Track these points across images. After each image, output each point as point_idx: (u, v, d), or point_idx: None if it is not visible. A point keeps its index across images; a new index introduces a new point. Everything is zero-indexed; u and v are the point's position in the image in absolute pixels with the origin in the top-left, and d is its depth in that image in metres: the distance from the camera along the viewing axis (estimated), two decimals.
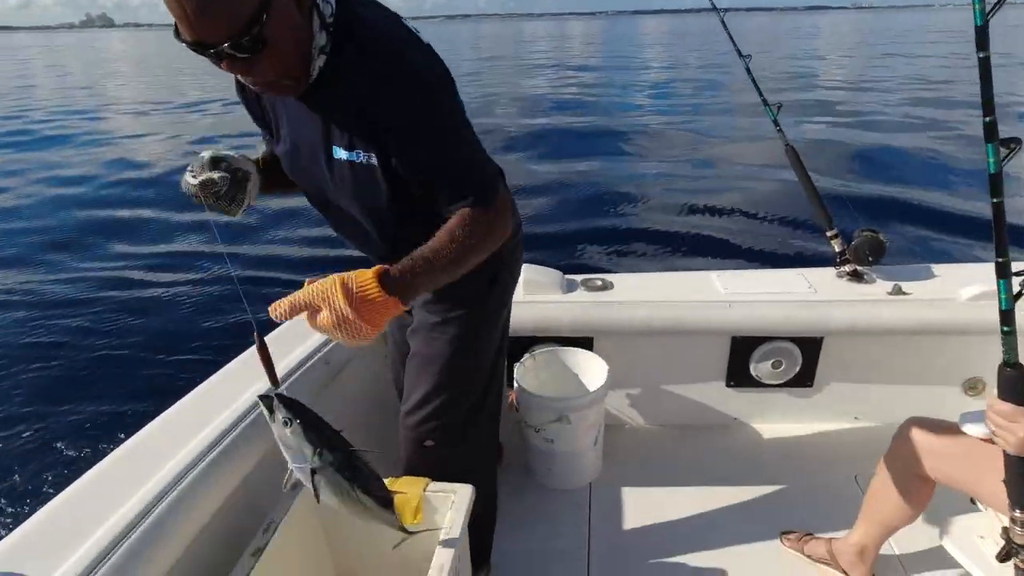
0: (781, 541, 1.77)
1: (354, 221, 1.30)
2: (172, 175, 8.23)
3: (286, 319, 1.00)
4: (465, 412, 1.50)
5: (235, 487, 1.40)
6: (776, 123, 2.13)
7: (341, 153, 1.15)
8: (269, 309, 0.99)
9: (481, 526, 1.69)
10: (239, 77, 1.07)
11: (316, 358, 1.77)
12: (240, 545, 1.32)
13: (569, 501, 2.02)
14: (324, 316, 0.98)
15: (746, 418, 2.30)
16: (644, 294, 2.13)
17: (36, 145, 12.12)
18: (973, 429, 1.25)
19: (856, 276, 2.15)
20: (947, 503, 1.41)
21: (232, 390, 1.57)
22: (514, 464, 2.16)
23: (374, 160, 1.14)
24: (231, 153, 1.21)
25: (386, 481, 1.45)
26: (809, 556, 1.68)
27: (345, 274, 1.00)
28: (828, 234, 2.16)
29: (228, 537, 1.37)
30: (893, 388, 2.20)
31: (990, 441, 1.22)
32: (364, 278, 1.00)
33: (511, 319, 2.06)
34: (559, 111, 13.33)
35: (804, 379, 2.19)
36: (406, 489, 1.44)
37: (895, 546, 1.72)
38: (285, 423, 1.01)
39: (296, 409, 1.03)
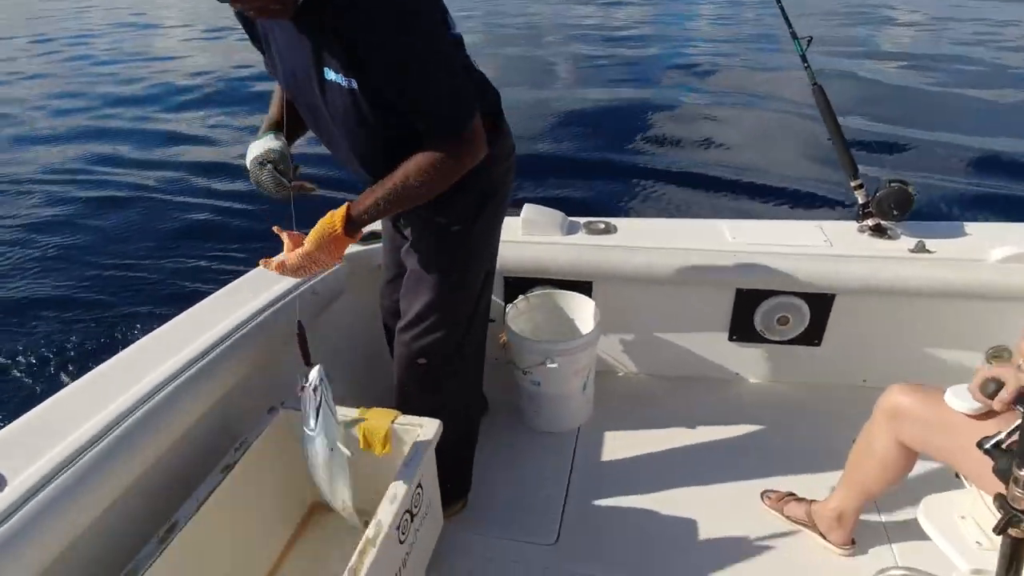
0: (762, 499, 1.73)
1: (346, 147, 1.34)
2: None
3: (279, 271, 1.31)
4: (456, 334, 1.54)
5: (211, 405, 1.43)
6: (804, 58, 1.94)
7: (331, 75, 1.18)
8: (260, 263, 1.32)
9: (458, 459, 1.72)
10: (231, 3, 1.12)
11: (302, 289, 1.77)
12: (213, 463, 1.36)
13: (554, 444, 2.02)
14: (302, 269, 1.31)
15: (747, 373, 2.23)
16: (647, 239, 2.04)
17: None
18: (958, 404, 1.16)
19: (878, 231, 2.00)
20: (933, 473, 1.34)
21: (222, 312, 1.60)
22: (504, 406, 2.16)
23: (355, 85, 1.17)
24: (261, 148, 1.34)
25: (357, 411, 1.48)
26: (788, 517, 1.64)
27: (316, 228, 1.27)
28: (852, 184, 2.00)
29: (201, 454, 1.41)
30: (908, 352, 2.08)
31: (977, 417, 1.13)
32: (335, 223, 1.25)
33: (509, 259, 2.04)
34: (579, 40, 12.49)
35: (811, 337, 2.09)
36: (376, 420, 1.46)
37: (880, 512, 1.66)
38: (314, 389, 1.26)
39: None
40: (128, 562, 1.13)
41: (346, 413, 1.46)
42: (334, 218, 1.26)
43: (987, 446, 0.99)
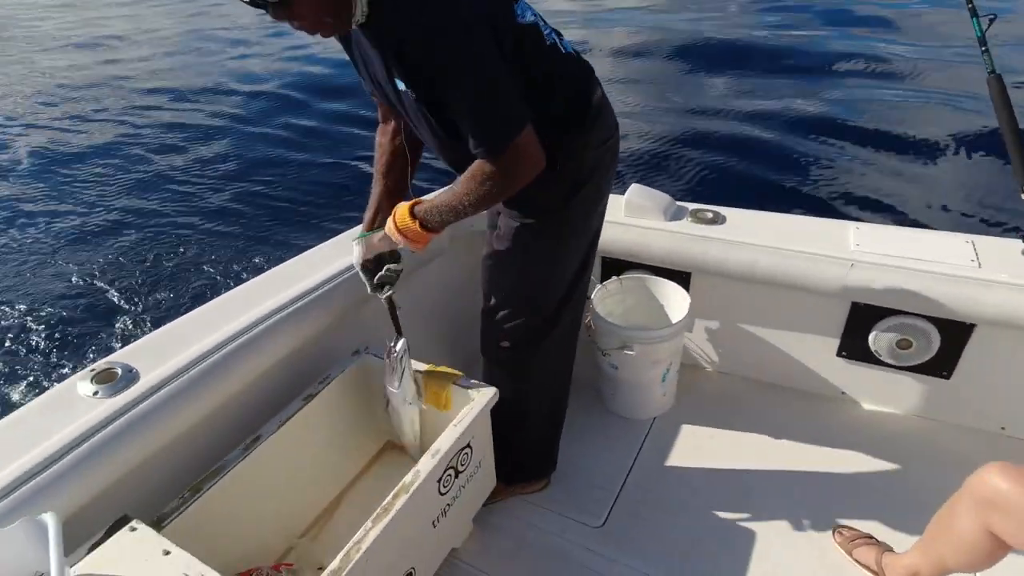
0: (833, 534, 1.59)
1: (435, 148, 1.41)
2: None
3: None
4: (539, 321, 1.54)
5: (303, 342, 1.63)
6: (982, 41, 1.62)
7: (400, 85, 1.22)
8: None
9: (544, 439, 1.78)
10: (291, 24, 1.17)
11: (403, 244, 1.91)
12: (299, 391, 1.56)
13: (626, 430, 2.01)
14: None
15: (856, 395, 2.01)
16: (755, 235, 1.89)
17: None
18: None
19: None
20: None
21: (321, 263, 1.79)
22: (586, 383, 2.17)
23: (412, 96, 1.21)
24: (362, 246, 1.46)
25: (424, 367, 1.60)
26: (856, 560, 1.50)
27: (394, 213, 1.34)
28: (1023, 196, 1.67)
29: (290, 383, 1.61)
30: None
31: None
32: (404, 216, 1.30)
33: (608, 239, 2.01)
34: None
35: (939, 368, 1.82)
36: (440, 379, 1.57)
37: None
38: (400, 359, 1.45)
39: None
40: (219, 460, 1.37)
41: (417, 366, 1.59)
42: (403, 209, 1.31)
43: None
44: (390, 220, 1.34)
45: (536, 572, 1.59)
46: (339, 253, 1.85)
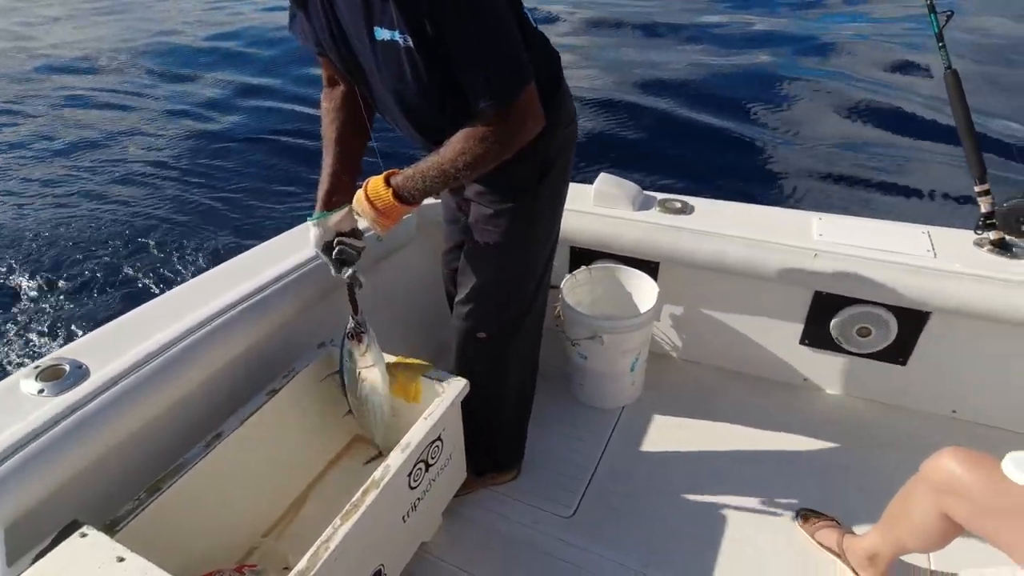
0: (796, 517, 1.63)
1: (400, 116, 1.30)
2: None
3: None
4: (515, 309, 1.53)
5: (265, 335, 1.57)
6: (939, 37, 1.66)
7: (383, 33, 1.12)
8: None
9: (518, 429, 1.77)
10: None
11: (367, 234, 1.86)
12: (262, 386, 1.51)
13: (595, 420, 2.01)
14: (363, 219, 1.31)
15: (819, 381, 2.06)
16: (722, 225, 1.91)
17: None
18: (1021, 477, 1.00)
19: (1000, 247, 1.73)
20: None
21: (283, 252, 1.73)
22: (555, 373, 2.17)
23: (410, 42, 1.11)
24: (320, 229, 1.36)
25: (393, 359, 1.56)
26: (819, 542, 1.54)
27: (365, 184, 1.26)
28: (976, 189, 1.72)
29: (253, 378, 1.55)
30: (1012, 392, 1.82)
31: None
32: (379, 189, 1.23)
33: (577, 229, 2.00)
34: None
35: (896, 355, 1.88)
36: (409, 370, 1.54)
37: (932, 560, 1.51)
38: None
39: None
40: (177, 459, 1.31)
41: (386, 358, 1.55)
42: (378, 181, 1.24)
43: None
44: (360, 192, 1.26)
45: (507, 563, 1.59)
46: (303, 242, 1.79)
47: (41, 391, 1.24)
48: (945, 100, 1.73)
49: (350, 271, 1.38)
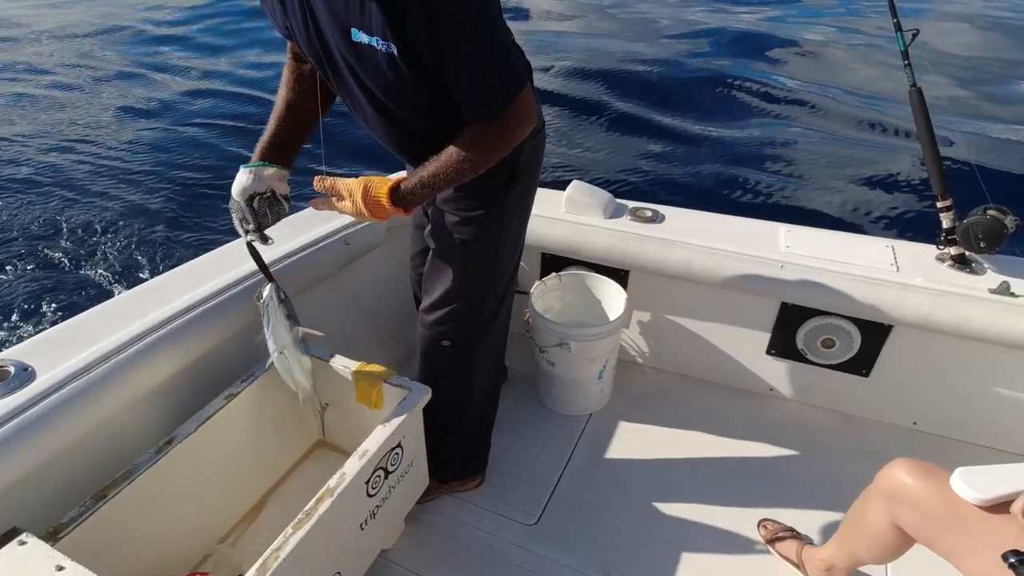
0: (758, 528, 1.64)
1: (373, 115, 1.27)
2: None
3: (321, 191, 1.25)
4: (481, 317, 1.51)
5: (224, 339, 1.54)
6: (905, 55, 1.69)
7: (362, 38, 1.08)
8: (315, 180, 1.24)
9: (483, 437, 1.76)
10: None
11: (335, 238, 1.84)
12: (220, 391, 1.48)
13: (562, 426, 2.01)
14: (346, 205, 1.23)
15: (784, 391, 2.08)
16: (692, 234, 1.92)
17: None
18: (967, 492, 1.01)
19: (961, 262, 1.76)
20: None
21: (244, 253, 1.69)
22: (523, 379, 2.17)
23: (393, 49, 1.07)
24: (252, 178, 1.27)
25: (356, 366, 1.54)
26: (779, 553, 1.55)
27: (369, 180, 1.21)
28: (939, 204, 1.76)
29: (210, 382, 1.51)
30: (972, 405, 1.85)
31: (989, 510, 0.99)
32: (381, 190, 1.19)
33: (548, 235, 2.00)
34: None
35: (859, 366, 1.91)
36: (371, 376, 1.52)
37: (889, 572, 1.53)
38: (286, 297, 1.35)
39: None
40: (127, 465, 1.27)
41: (346, 364, 1.53)
42: (384, 184, 1.20)
43: (1013, 560, 0.88)
44: (357, 192, 1.20)
45: (468, 571, 1.57)
46: (264, 246, 1.76)
47: None
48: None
49: (254, 231, 1.29)
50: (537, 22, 10.05)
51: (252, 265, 1.64)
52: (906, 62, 1.71)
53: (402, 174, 1.24)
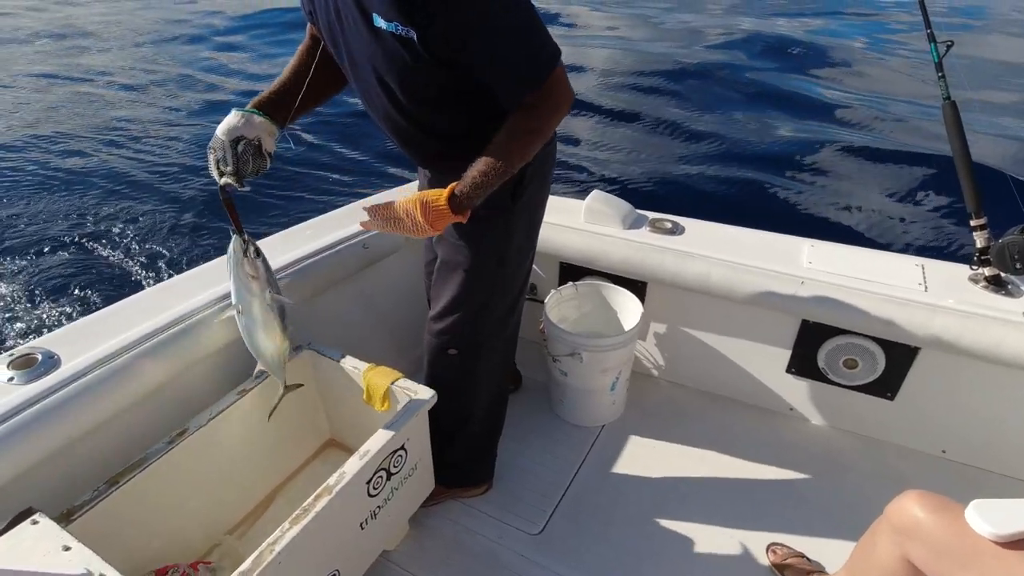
0: (767, 551, 1.59)
1: (389, 114, 1.28)
2: None
3: (376, 217, 1.26)
4: (489, 324, 1.52)
5: (238, 336, 1.59)
6: (939, 67, 1.63)
7: (381, 23, 1.08)
8: (368, 209, 1.27)
9: (490, 444, 1.76)
10: None
11: (353, 242, 1.88)
12: (235, 385, 1.52)
13: (573, 437, 2.00)
14: (404, 224, 1.23)
15: (805, 411, 2.02)
16: (711, 247, 1.89)
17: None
18: (983, 527, 0.96)
19: (995, 283, 1.68)
20: None
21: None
22: (538, 387, 2.17)
23: (413, 35, 1.06)
24: (242, 121, 1.23)
25: (364, 368, 1.57)
26: None
27: (423, 195, 1.20)
28: (972, 223, 1.68)
29: (225, 378, 1.56)
30: (1007, 432, 1.76)
31: (1006, 546, 0.94)
32: (440, 200, 1.18)
33: (567, 245, 2.00)
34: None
35: (884, 388, 1.83)
36: (379, 378, 1.54)
37: None
38: (256, 253, 1.28)
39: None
40: (141, 453, 1.33)
41: (356, 365, 1.56)
42: (440, 194, 1.18)
43: None
44: (416, 210, 1.18)
45: None
46: (285, 247, 1.81)
47: (11, 379, 1.27)
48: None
49: (231, 173, 1.21)
50: (570, 31, 10.06)
51: (275, 263, 1.70)
52: (940, 74, 1.65)
53: (451, 186, 1.19)
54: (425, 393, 1.48)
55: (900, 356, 1.76)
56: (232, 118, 1.23)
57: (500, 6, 1.06)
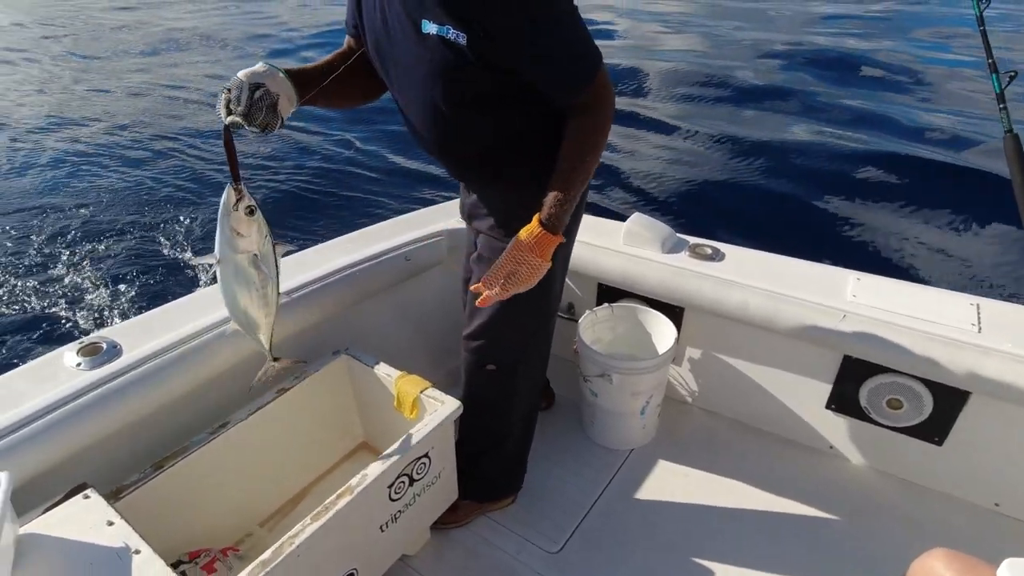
0: None
1: (428, 123, 1.29)
2: None
3: (490, 290, 1.26)
4: (524, 343, 1.55)
5: (280, 339, 1.68)
6: (1001, 98, 1.55)
7: (431, 27, 1.11)
8: (479, 287, 1.28)
9: (520, 457, 1.78)
10: None
11: (395, 253, 1.96)
12: (273, 386, 1.62)
13: (601, 459, 1.99)
14: (517, 276, 1.24)
15: (845, 450, 1.93)
16: (752, 276, 1.86)
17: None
18: None
19: None
20: None
21: (307, 264, 1.85)
22: (570, 406, 2.17)
23: (462, 40, 1.09)
24: (268, 72, 1.17)
25: (396, 376, 1.63)
26: None
27: (515, 240, 1.22)
28: None
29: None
30: None
31: None
32: (533, 233, 1.21)
33: (605, 267, 2.01)
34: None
35: (931, 432, 1.74)
36: (409, 386, 1.60)
37: None
38: (250, 212, 1.11)
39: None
40: (185, 441, 1.43)
41: (389, 372, 1.62)
42: (529, 229, 1.21)
43: None
44: (518, 258, 1.22)
45: None
46: (337, 252, 1.91)
47: (79, 364, 1.40)
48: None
49: (241, 114, 1.12)
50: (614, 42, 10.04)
51: (319, 270, 1.79)
52: (1002, 106, 1.57)
53: (535, 217, 1.21)
54: (451, 404, 1.52)
55: (949, 399, 1.67)
56: (259, 67, 1.18)
57: (549, 6, 1.09)
